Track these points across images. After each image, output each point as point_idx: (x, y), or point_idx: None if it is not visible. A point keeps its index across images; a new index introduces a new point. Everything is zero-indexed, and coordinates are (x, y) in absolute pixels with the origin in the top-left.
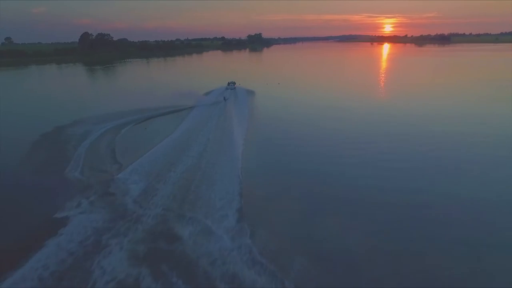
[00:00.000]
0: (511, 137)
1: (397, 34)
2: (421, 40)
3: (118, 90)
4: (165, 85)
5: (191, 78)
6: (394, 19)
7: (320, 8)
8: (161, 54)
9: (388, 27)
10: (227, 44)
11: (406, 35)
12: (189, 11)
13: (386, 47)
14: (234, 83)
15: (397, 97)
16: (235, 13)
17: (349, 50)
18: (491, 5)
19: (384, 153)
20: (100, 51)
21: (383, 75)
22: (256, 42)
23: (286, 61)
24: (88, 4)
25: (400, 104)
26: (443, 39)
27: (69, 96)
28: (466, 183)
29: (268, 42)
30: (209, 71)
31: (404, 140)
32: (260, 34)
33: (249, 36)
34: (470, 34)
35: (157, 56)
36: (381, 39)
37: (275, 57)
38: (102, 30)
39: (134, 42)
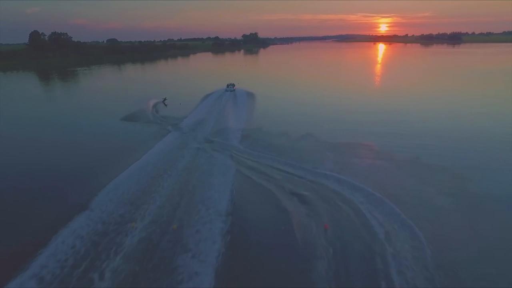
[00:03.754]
0: None
1: (395, 34)
2: (426, 40)
3: None
4: None
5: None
6: (390, 18)
7: (316, 8)
8: (138, 58)
9: (384, 26)
10: (219, 45)
11: (406, 35)
12: (186, 11)
13: (391, 48)
14: (234, 84)
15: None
16: (231, 13)
17: (354, 51)
18: (488, 5)
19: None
20: (54, 54)
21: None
22: (252, 42)
23: (296, 68)
24: (82, 4)
25: None
26: (453, 39)
27: None
28: None
29: (264, 42)
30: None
31: None
32: (256, 33)
33: (245, 36)
34: (473, 33)
35: (132, 61)
36: (381, 39)
37: (278, 61)
38: (96, 30)
39: (102, 44)
